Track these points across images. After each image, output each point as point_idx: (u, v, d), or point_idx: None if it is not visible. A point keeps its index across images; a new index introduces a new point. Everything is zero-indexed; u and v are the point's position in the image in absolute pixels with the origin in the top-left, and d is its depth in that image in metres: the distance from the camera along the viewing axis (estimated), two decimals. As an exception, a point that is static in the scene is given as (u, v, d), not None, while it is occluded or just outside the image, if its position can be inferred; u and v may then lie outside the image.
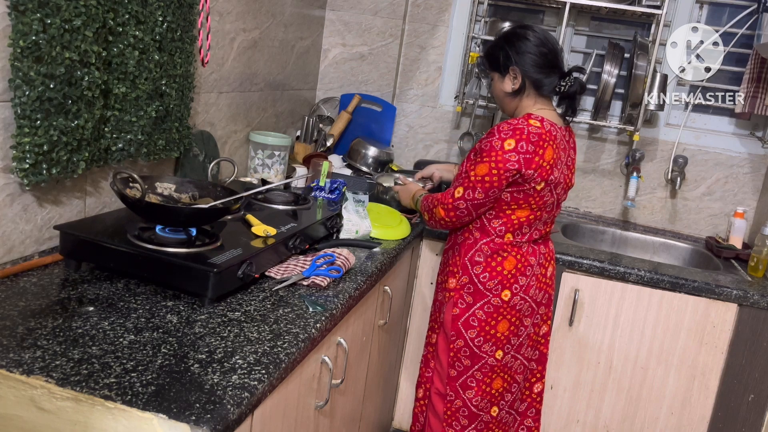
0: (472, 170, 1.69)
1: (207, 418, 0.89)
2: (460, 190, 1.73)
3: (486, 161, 1.66)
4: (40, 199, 1.36)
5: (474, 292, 1.79)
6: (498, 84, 1.79)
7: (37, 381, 0.93)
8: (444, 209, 1.77)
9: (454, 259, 1.84)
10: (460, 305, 1.80)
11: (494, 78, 1.80)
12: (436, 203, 1.80)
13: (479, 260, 1.78)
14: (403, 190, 2.09)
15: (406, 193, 2.06)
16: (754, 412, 2.07)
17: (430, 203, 1.84)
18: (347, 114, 2.68)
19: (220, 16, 1.92)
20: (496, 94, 1.82)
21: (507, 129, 1.66)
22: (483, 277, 1.78)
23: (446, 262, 1.90)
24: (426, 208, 1.87)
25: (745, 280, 2.13)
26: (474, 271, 1.79)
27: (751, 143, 2.56)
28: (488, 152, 1.66)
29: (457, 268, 1.81)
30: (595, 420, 2.19)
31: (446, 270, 1.88)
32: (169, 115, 1.65)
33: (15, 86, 1.21)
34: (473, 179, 1.69)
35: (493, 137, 1.66)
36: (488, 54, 1.79)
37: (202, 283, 1.25)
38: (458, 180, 1.75)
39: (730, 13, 2.54)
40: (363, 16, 2.77)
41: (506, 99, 1.79)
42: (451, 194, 1.75)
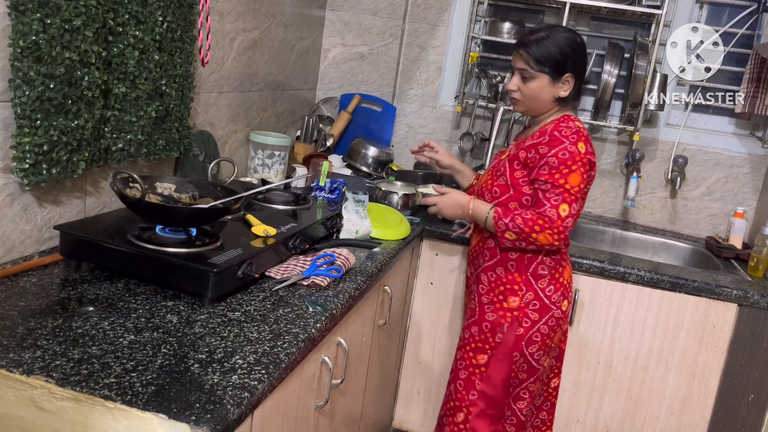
0: (565, 183, 1.61)
1: (207, 418, 0.89)
2: (564, 207, 1.62)
3: (576, 170, 1.61)
4: (40, 199, 1.36)
5: (540, 308, 1.73)
6: (545, 86, 1.68)
7: (37, 381, 0.93)
8: (552, 234, 1.62)
9: (511, 276, 1.75)
10: (524, 324, 1.73)
11: (536, 78, 1.68)
12: (537, 227, 1.62)
13: (543, 273, 1.73)
14: (447, 201, 1.82)
15: (452, 205, 1.82)
16: (754, 412, 2.07)
17: (524, 227, 1.64)
18: (347, 114, 2.68)
19: (220, 16, 1.92)
20: (535, 95, 1.70)
21: (570, 133, 1.64)
22: (549, 291, 1.73)
23: (497, 281, 1.77)
24: (517, 231, 1.66)
25: (745, 280, 2.13)
26: (539, 285, 1.73)
27: (751, 143, 2.56)
28: (572, 160, 1.61)
29: (519, 285, 1.74)
30: (595, 420, 2.19)
31: (500, 289, 1.76)
32: (169, 115, 1.65)
33: (15, 86, 1.21)
34: (573, 191, 1.61)
35: (565, 143, 1.63)
36: (544, 55, 1.65)
37: (202, 283, 1.25)
38: (552, 195, 1.62)
39: (730, 13, 2.54)
40: (363, 16, 2.77)
41: (548, 103, 1.71)
42: (556, 214, 1.61)
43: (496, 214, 1.69)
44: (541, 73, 1.67)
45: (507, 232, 1.68)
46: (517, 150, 1.73)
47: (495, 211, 1.70)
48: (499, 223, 1.68)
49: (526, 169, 1.70)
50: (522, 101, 1.73)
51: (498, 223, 1.68)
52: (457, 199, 1.81)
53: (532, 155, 1.67)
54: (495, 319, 1.76)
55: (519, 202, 1.71)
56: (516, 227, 1.65)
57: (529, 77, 1.68)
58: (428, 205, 1.86)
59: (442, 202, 1.83)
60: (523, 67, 1.68)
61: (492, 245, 1.78)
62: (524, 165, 1.70)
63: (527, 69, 1.67)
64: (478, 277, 1.82)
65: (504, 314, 1.75)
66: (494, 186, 1.76)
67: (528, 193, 1.70)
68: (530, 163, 1.67)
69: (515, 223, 1.66)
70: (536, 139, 1.68)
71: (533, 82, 1.69)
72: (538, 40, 1.66)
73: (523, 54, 1.68)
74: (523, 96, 1.72)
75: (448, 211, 1.83)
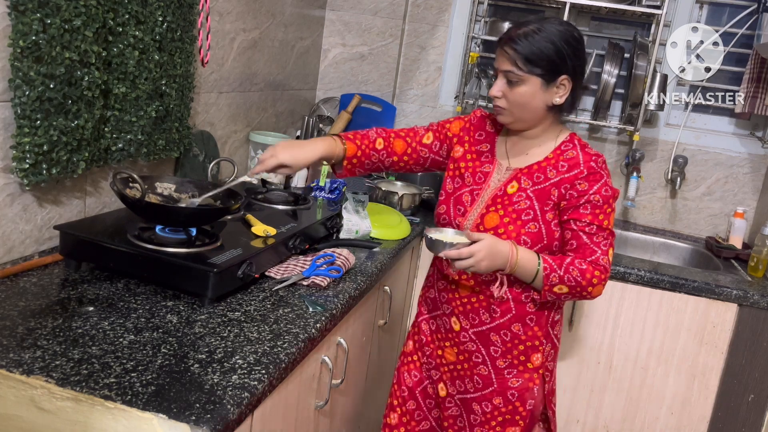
0: (609, 224, 1.40)
1: (207, 418, 0.89)
2: (611, 252, 1.42)
3: (614, 207, 1.42)
4: (40, 199, 1.36)
5: (555, 355, 1.56)
6: (536, 91, 1.38)
7: (37, 381, 0.93)
8: (605, 284, 1.41)
9: (531, 332, 1.48)
10: (547, 378, 1.53)
11: (525, 81, 1.37)
12: (595, 280, 1.38)
13: (558, 318, 1.54)
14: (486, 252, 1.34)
15: (492, 255, 1.35)
16: (754, 412, 2.07)
17: (582, 280, 1.37)
18: (347, 114, 2.68)
19: (220, 16, 1.92)
20: (524, 102, 1.39)
21: (602, 163, 1.41)
22: (559, 333, 1.56)
23: (513, 340, 1.48)
24: (571, 285, 1.38)
25: (745, 280, 2.13)
26: (554, 332, 1.53)
27: (751, 143, 2.56)
28: (613, 197, 1.41)
29: (540, 340, 1.49)
30: (595, 420, 2.19)
31: (519, 348, 1.49)
32: (169, 115, 1.65)
33: (15, 86, 1.21)
34: (614, 230, 1.43)
35: (604, 177, 1.40)
36: (534, 53, 1.35)
37: (202, 283, 1.25)
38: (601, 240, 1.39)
39: (730, 13, 2.54)
40: (363, 16, 2.77)
41: (539, 112, 1.41)
42: (608, 262, 1.40)
43: (548, 265, 1.38)
44: (531, 75, 1.36)
45: (558, 286, 1.38)
46: (536, 183, 1.42)
47: (545, 261, 1.38)
48: (552, 276, 1.37)
49: (556, 208, 1.42)
50: (508, 110, 1.41)
51: (550, 276, 1.37)
52: (497, 247, 1.36)
53: (568, 192, 1.39)
54: (521, 384, 1.49)
55: (549, 249, 1.43)
56: (572, 280, 1.37)
57: (516, 80, 1.37)
58: (455, 258, 1.36)
59: (480, 254, 1.34)
60: (509, 68, 1.37)
61: (504, 298, 1.46)
62: (556, 204, 1.41)
63: (514, 71, 1.36)
64: (485, 337, 1.50)
65: (531, 376, 1.49)
66: (522, 234, 1.41)
67: (557, 237, 1.43)
68: (563, 200, 1.40)
69: (571, 276, 1.37)
70: (566, 172, 1.40)
71: (522, 87, 1.37)
72: (528, 35, 1.35)
73: (509, 52, 1.37)
74: (509, 103, 1.40)
75: (487, 263, 1.35)
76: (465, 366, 1.54)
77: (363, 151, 1.53)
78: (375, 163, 1.56)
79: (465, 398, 1.55)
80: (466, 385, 1.55)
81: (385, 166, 1.57)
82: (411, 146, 1.57)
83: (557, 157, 1.43)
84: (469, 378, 1.54)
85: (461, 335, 1.53)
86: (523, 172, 1.45)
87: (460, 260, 1.35)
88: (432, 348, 1.61)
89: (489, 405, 1.52)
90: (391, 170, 1.61)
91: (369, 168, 1.57)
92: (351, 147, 1.51)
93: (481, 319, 1.49)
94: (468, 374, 1.54)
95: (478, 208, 1.47)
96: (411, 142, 1.57)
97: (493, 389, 1.51)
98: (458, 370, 1.56)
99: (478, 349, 1.51)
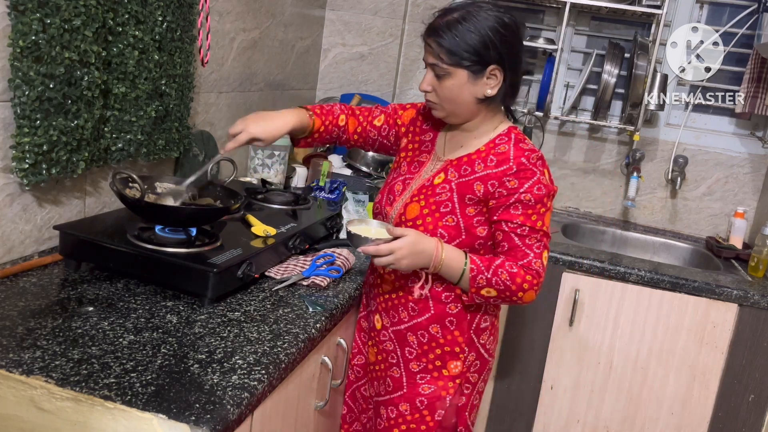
0: (543, 225, 1.29)
1: (207, 418, 0.89)
2: (546, 254, 1.31)
3: (549, 207, 1.31)
4: (39, 199, 1.36)
5: (480, 367, 1.41)
6: (463, 85, 1.28)
7: (36, 381, 0.92)
8: (537, 290, 1.30)
9: (450, 336, 1.36)
10: (466, 390, 1.39)
11: (452, 74, 1.28)
12: (526, 285, 1.28)
13: (486, 325, 1.39)
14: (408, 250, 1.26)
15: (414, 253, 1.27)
16: (754, 412, 2.07)
17: (512, 283, 1.27)
18: (347, 114, 2.68)
19: (220, 16, 1.92)
20: (453, 96, 1.30)
21: (536, 158, 1.29)
22: (488, 343, 1.41)
23: (431, 342, 1.37)
24: (501, 289, 1.28)
25: (746, 280, 2.13)
26: (480, 341, 1.39)
27: (752, 143, 2.55)
28: (547, 196, 1.29)
29: (460, 346, 1.36)
30: (595, 420, 2.19)
31: (435, 353, 1.37)
32: (169, 115, 1.65)
33: (15, 86, 1.20)
34: (549, 232, 1.32)
35: (537, 174, 1.28)
36: (458, 44, 1.25)
37: (202, 283, 1.25)
38: (534, 242, 1.29)
39: (730, 13, 2.54)
40: (363, 16, 2.77)
41: (471, 105, 1.31)
42: (542, 266, 1.29)
43: (475, 266, 1.28)
44: (457, 68, 1.27)
45: (486, 288, 1.29)
46: (462, 176, 1.33)
47: (472, 261, 1.29)
48: (479, 278, 1.28)
49: (481, 205, 1.31)
50: (439, 104, 1.33)
51: (477, 278, 1.28)
52: (421, 245, 1.27)
53: (496, 190, 1.28)
54: (433, 392, 1.37)
55: (471, 248, 1.33)
56: (501, 284, 1.27)
57: (443, 74, 1.28)
58: (373, 255, 1.27)
59: (401, 251, 1.25)
60: (434, 61, 1.28)
61: (423, 296, 1.36)
62: (480, 201, 1.30)
63: (439, 64, 1.27)
64: (401, 337, 1.39)
65: (445, 384, 1.36)
66: (439, 227, 1.31)
67: (482, 236, 1.32)
68: (491, 198, 1.29)
69: (500, 279, 1.27)
70: (494, 167, 1.29)
71: (449, 80, 1.28)
72: (451, 25, 1.26)
73: (432, 45, 1.28)
74: (439, 98, 1.32)
75: (409, 261, 1.27)
76: (381, 367, 1.44)
77: (326, 126, 1.50)
78: (333, 138, 1.53)
79: (377, 401, 1.45)
80: (379, 388, 1.44)
81: (341, 142, 1.55)
82: (362, 125, 1.53)
83: (488, 151, 1.32)
84: (382, 380, 1.43)
85: (381, 334, 1.43)
86: (452, 164, 1.36)
87: (379, 257, 1.27)
88: (359, 347, 1.54)
89: (395, 411, 1.39)
90: (345, 146, 1.58)
91: (327, 141, 1.54)
92: (317, 122, 1.48)
93: (400, 317, 1.39)
94: (382, 376, 1.43)
95: (404, 197, 1.39)
96: (363, 121, 1.53)
97: (401, 394, 1.39)
98: (376, 371, 1.46)
99: (395, 349, 1.41)
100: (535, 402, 2.20)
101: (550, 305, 2.14)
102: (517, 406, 2.22)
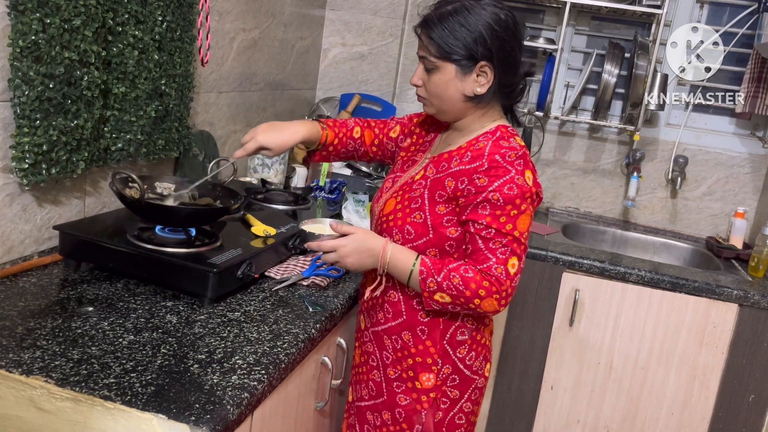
0: (513, 228, 1.19)
1: (207, 418, 0.89)
2: (514, 261, 1.19)
3: (526, 210, 1.20)
4: (39, 199, 1.36)
5: (461, 383, 1.32)
6: (450, 80, 1.24)
7: (36, 381, 0.92)
8: (499, 299, 1.20)
9: (422, 346, 1.29)
10: (443, 405, 1.31)
11: (440, 69, 1.24)
12: (482, 291, 1.18)
13: (463, 338, 1.30)
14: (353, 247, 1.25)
15: (360, 251, 1.25)
16: (754, 412, 2.07)
17: (465, 289, 1.19)
18: (347, 114, 2.67)
19: (220, 15, 1.92)
20: (440, 92, 1.26)
21: (515, 157, 1.21)
22: (469, 359, 1.32)
23: (404, 350, 1.31)
24: (454, 295, 1.20)
25: (746, 281, 2.13)
26: (458, 354, 1.30)
27: (752, 143, 2.55)
28: (521, 197, 1.19)
29: (432, 358, 1.29)
30: (596, 420, 2.19)
31: (408, 362, 1.31)
32: (169, 115, 1.65)
33: (14, 86, 1.20)
34: (523, 239, 1.21)
35: (512, 173, 1.19)
36: (447, 38, 1.21)
37: (202, 283, 1.25)
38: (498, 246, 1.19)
39: (730, 13, 2.54)
40: (363, 15, 2.77)
41: (458, 102, 1.26)
42: (504, 273, 1.19)
43: (425, 268, 1.21)
44: (445, 62, 1.22)
45: (438, 293, 1.20)
46: (438, 171, 1.28)
47: (422, 263, 1.22)
48: (429, 281, 1.20)
49: (452, 202, 1.24)
50: (428, 99, 1.29)
51: (427, 281, 1.20)
52: (368, 244, 1.25)
53: (465, 187, 1.21)
54: (409, 404, 1.31)
55: (440, 249, 1.26)
56: (453, 289, 1.19)
57: (432, 68, 1.24)
58: (316, 250, 1.29)
59: (345, 249, 1.24)
60: (423, 54, 1.25)
61: (395, 299, 1.31)
62: (451, 198, 1.24)
63: (427, 57, 1.24)
64: (379, 339, 1.35)
65: (419, 398, 1.30)
66: (407, 223, 1.27)
67: (453, 237, 1.25)
68: (461, 196, 1.22)
69: (452, 284, 1.19)
70: (467, 163, 1.23)
71: (437, 75, 1.24)
72: (443, 18, 1.22)
73: (422, 37, 1.25)
74: (428, 93, 1.28)
75: (353, 260, 1.25)
76: (364, 369, 1.39)
77: (340, 139, 1.48)
78: (350, 151, 1.51)
79: (360, 406, 1.40)
80: (362, 391, 1.39)
81: (358, 155, 1.52)
82: (378, 137, 1.50)
83: (468, 147, 1.26)
84: (365, 383, 1.39)
85: (364, 334, 1.39)
86: (433, 161, 1.31)
87: (325, 254, 1.26)
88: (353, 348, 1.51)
89: (379, 418, 1.35)
90: (364, 160, 1.54)
91: (344, 156, 1.52)
92: (330, 134, 1.47)
93: (377, 318, 1.35)
94: (364, 378, 1.39)
95: (388, 193, 1.36)
96: (379, 134, 1.50)
97: (383, 400, 1.34)
98: (359, 374, 1.41)
99: (374, 351, 1.36)
100: (535, 402, 2.20)
101: (550, 305, 2.14)
102: (517, 406, 2.22)
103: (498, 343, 2.19)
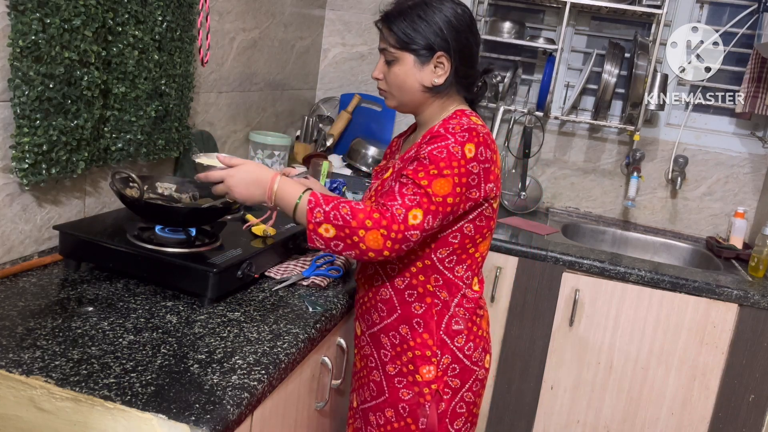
0: (428, 185, 1.18)
1: (207, 418, 0.89)
2: (417, 213, 1.17)
3: (448, 176, 1.19)
4: (39, 199, 1.36)
5: (461, 372, 1.33)
6: (408, 70, 1.28)
7: (36, 381, 0.92)
8: (386, 237, 1.16)
9: (420, 339, 1.31)
10: (446, 396, 1.32)
11: (399, 59, 1.28)
12: (369, 222, 1.16)
13: (459, 328, 1.32)
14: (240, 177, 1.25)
15: (247, 182, 1.25)
16: (754, 412, 2.07)
17: (352, 219, 1.16)
18: (347, 114, 2.68)
19: (220, 15, 1.92)
20: (400, 83, 1.30)
21: (460, 129, 1.23)
22: (468, 349, 1.34)
23: (402, 344, 1.33)
24: (338, 226, 1.17)
25: (746, 280, 2.13)
26: (456, 344, 1.32)
27: (752, 143, 2.55)
28: (447, 162, 1.19)
29: (431, 350, 1.31)
30: (596, 420, 2.19)
31: (407, 356, 1.32)
32: (169, 115, 1.65)
33: (14, 86, 1.20)
34: (435, 201, 1.18)
35: (449, 141, 1.21)
36: (405, 29, 1.26)
37: (202, 283, 1.25)
38: (408, 193, 1.19)
39: (730, 13, 2.54)
40: (363, 15, 2.77)
41: (417, 93, 1.30)
42: (403, 215, 1.16)
43: (314, 198, 1.19)
44: (404, 52, 1.27)
45: (324, 225, 1.18)
46: (403, 164, 1.30)
47: (312, 194, 1.20)
48: (316, 211, 1.18)
49: None
50: (389, 92, 1.33)
51: (314, 211, 1.18)
52: (256, 174, 1.25)
53: (409, 156, 1.28)
54: (412, 398, 1.32)
55: None
56: (339, 219, 1.16)
57: (392, 60, 1.29)
58: (210, 182, 1.28)
59: (232, 179, 1.25)
60: (384, 46, 1.30)
61: (387, 296, 1.33)
62: None
63: (388, 48, 1.29)
64: (376, 339, 1.37)
65: (421, 391, 1.31)
66: None
67: None
68: None
69: (340, 214, 1.17)
70: (420, 142, 1.28)
71: (396, 66, 1.29)
72: (403, 11, 1.27)
73: (383, 30, 1.30)
74: (389, 85, 1.32)
75: (241, 190, 1.24)
76: (364, 373, 1.41)
77: None
78: None
79: (364, 408, 1.40)
80: (365, 394, 1.40)
81: None
82: None
83: (429, 133, 1.29)
84: (366, 386, 1.40)
85: (361, 339, 1.42)
86: (401, 158, 1.34)
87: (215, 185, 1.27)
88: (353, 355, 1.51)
89: (382, 417, 1.36)
90: None
91: None
92: None
93: (372, 320, 1.37)
94: (366, 381, 1.40)
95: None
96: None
97: (385, 399, 1.35)
98: (360, 378, 1.43)
99: (372, 353, 1.38)
100: (535, 402, 2.20)
101: (550, 305, 2.14)
102: (517, 406, 2.22)
103: (498, 343, 2.19)
